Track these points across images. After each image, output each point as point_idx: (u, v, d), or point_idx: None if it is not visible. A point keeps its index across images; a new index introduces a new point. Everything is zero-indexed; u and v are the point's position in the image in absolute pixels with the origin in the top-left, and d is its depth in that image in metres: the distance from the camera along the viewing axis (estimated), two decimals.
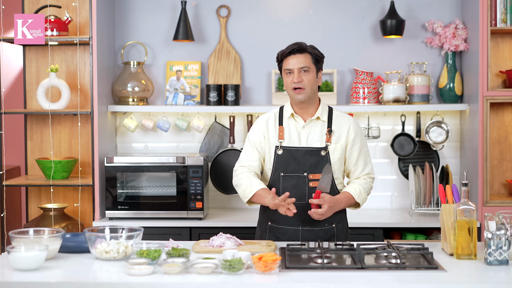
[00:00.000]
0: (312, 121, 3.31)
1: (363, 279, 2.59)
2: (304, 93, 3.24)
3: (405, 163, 4.70)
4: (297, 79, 3.22)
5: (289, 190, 3.24)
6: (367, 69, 4.68)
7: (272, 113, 3.39)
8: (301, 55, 3.24)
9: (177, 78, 4.71)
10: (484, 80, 4.28)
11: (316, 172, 3.24)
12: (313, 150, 3.26)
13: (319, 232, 3.28)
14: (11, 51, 5.09)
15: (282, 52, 3.28)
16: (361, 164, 3.34)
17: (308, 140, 3.29)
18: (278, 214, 3.27)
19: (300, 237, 3.28)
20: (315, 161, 3.25)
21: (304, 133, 3.29)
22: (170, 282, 2.54)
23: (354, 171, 3.35)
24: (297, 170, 3.26)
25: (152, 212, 4.31)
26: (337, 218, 3.32)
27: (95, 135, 4.35)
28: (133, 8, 4.78)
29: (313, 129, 3.30)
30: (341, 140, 3.30)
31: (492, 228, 2.82)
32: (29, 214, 4.76)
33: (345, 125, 3.31)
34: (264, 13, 4.76)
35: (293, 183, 3.26)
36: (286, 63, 3.26)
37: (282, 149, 3.28)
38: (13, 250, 2.69)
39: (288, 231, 3.29)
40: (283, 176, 3.27)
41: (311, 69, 3.25)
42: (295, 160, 3.26)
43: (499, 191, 4.66)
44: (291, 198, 3.13)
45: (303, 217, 3.25)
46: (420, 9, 4.71)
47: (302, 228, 3.28)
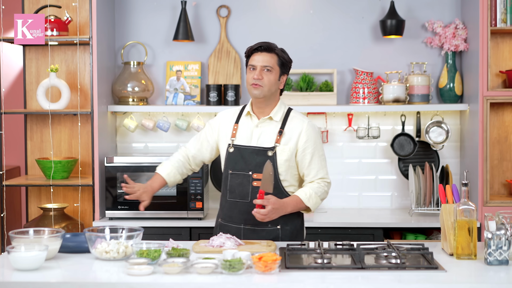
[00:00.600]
0: (265, 121, 3.30)
1: (363, 279, 2.59)
2: (261, 90, 3.23)
3: (405, 163, 4.70)
4: (257, 75, 3.22)
5: (234, 188, 3.27)
6: (367, 69, 4.68)
7: (232, 110, 3.41)
8: (267, 54, 3.25)
9: (177, 78, 4.71)
10: (484, 80, 4.28)
11: (261, 171, 3.22)
12: (260, 149, 3.25)
13: (261, 232, 3.26)
14: (11, 51, 5.09)
15: (250, 47, 3.30)
16: (314, 168, 3.30)
17: (259, 139, 3.28)
18: (225, 211, 3.32)
19: (241, 236, 3.27)
20: (261, 161, 3.23)
21: (256, 132, 3.30)
22: (170, 282, 2.54)
23: (308, 175, 3.31)
24: (244, 168, 3.26)
25: (152, 212, 4.31)
26: (284, 220, 3.27)
27: (95, 135, 4.35)
28: (133, 8, 4.78)
29: (266, 129, 3.30)
30: (291, 142, 3.26)
31: (492, 228, 2.82)
32: (29, 214, 4.76)
33: (298, 127, 3.28)
34: (264, 13, 4.76)
35: (239, 181, 3.27)
36: (251, 59, 3.27)
37: (233, 147, 3.29)
38: (13, 250, 2.69)
39: (232, 229, 3.30)
40: (231, 174, 3.29)
41: (274, 69, 3.26)
42: (243, 159, 3.26)
43: (499, 191, 4.66)
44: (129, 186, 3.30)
45: (245, 216, 3.26)
46: (420, 9, 4.71)
47: (244, 227, 3.28)
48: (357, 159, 4.76)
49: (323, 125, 4.72)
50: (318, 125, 4.72)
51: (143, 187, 3.33)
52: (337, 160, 4.74)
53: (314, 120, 4.72)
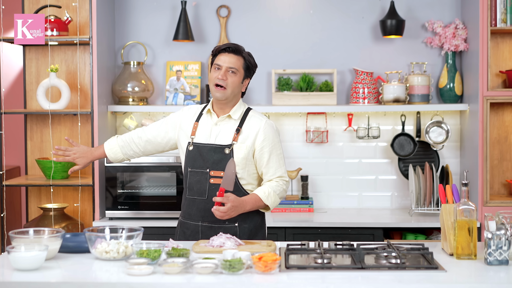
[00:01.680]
0: (224, 119, 3.32)
1: (363, 279, 2.59)
2: (224, 93, 3.25)
3: (405, 163, 4.70)
4: (222, 76, 3.24)
5: (193, 185, 3.29)
6: (367, 69, 4.68)
7: (195, 107, 3.43)
8: (234, 56, 3.27)
9: (177, 78, 4.71)
10: (484, 80, 4.28)
11: (218, 169, 3.24)
12: (218, 147, 3.27)
13: (218, 229, 3.27)
14: (11, 51, 5.08)
15: (217, 47, 3.31)
16: (272, 166, 3.31)
17: (217, 137, 3.30)
18: (185, 209, 3.34)
19: (199, 233, 3.29)
20: (218, 158, 3.25)
21: (215, 130, 3.31)
22: (170, 282, 2.54)
23: (266, 173, 3.32)
24: (202, 166, 3.28)
25: (152, 212, 4.31)
26: (242, 218, 3.28)
27: (95, 135, 4.35)
28: (133, 8, 4.78)
29: (224, 127, 3.31)
30: (248, 141, 3.28)
31: (492, 228, 2.82)
32: (29, 214, 4.76)
33: (256, 126, 3.30)
34: (264, 13, 4.76)
35: (197, 179, 3.28)
36: (217, 58, 3.28)
37: (193, 145, 3.30)
38: (13, 250, 2.69)
39: (191, 226, 3.31)
40: (190, 171, 3.30)
41: (239, 72, 3.27)
42: (201, 156, 3.28)
43: (499, 191, 4.66)
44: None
45: (202, 213, 3.28)
46: (420, 9, 4.71)
47: (202, 223, 3.29)
48: (357, 159, 4.76)
49: (323, 125, 4.72)
50: (318, 125, 4.72)
51: (82, 152, 3.44)
52: (337, 160, 4.74)
53: (314, 120, 4.72)
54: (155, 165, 4.34)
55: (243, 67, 3.29)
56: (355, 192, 4.77)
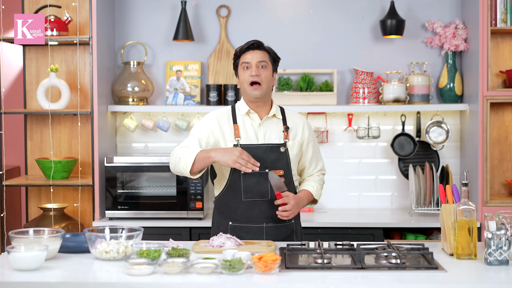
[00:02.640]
0: (268, 119, 3.31)
1: (363, 279, 2.59)
2: (261, 90, 3.23)
3: (405, 163, 4.70)
4: (255, 72, 3.21)
5: (251, 188, 3.24)
6: (367, 69, 4.68)
7: (224, 110, 3.35)
8: (259, 51, 3.26)
9: (177, 78, 4.71)
10: (484, 80, 4.28)
11: (277, 168, 3.25)
12: (273, 146, 3.26)
13: (282, 228, 3.29)
14: (11, 51, 5.08)
15: (240, 47, 3.28)
16: (314, 160, 3.40)
17: (265, 137, 3.28)
18: (240, 213, 3.27)
19: (264, 235, 3.27)
20: (275, 158, 3.25)
21: (261, 130, 3.29)
22: (170, 282, 2.54)
23: (309, 168, 3.39)
24: (258, 167, 3.23)
25: (152, 212, 4.31)
26: (295, 215, 3.33)
27: (95, 135, 4.35)
28: (133, 8, 4.78)
29: (270, 127, 3.30)
30: (297, 137, 3.32)
31: (492, 228, 2.81)
32: (29, 214, 4.76)
33: (300, 123, 3.35)
34: (264, 13, 4.76)
35: (255, 181, 3.24)
36: (244, 57, 3.26)
37: (241, 147, 3.24)
38: (13, 250, 2.69)
39: (252, 228, 3.27)
40: (244, 174, 3.24)
41: (268, 65, 3.27)
42: (255, 158, 3.22)
43: (499, 191, 4.66)
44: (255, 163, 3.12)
45: (266, 214, 3.26)
46: (420, 9, 4.71)
47: (266, 225, 3.27)
48: (357, 159, 4.76)
49: (323, 125, 4.72)
50: (318, 125, 4.73)
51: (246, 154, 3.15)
52: (337, 160, 4.74)
53: (314, 120, 4.72)
54: (155, 165, 4.34)
55: (270, 61, 3.29)
56: (355, 192, 4.77)
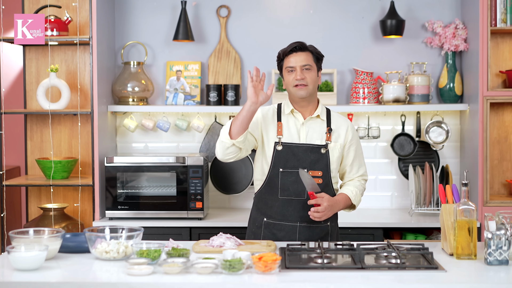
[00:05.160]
0: (312, 119, 3.32)
1: (363, 279, 2.59)
2: (306, 89, 3.25)
3: (405, 163, 4.70)
4: (300, 75, 3.23)
5: (288, 186, 3.26)
6: (367, 69, 4.68)
7: (270, 107, 3.38)
8: (303, 53, 3.26)
9: (177, 78, 4.71)
10: (484, 80, 4.28)
11: (316, 169, 3.26)
12: (314, 147, 3.27)
13: (315, 229, 3.30)
14: (11, 51, 5.09)
15: (283, 50, 3.29)
16: (356, 165, 3.38)
17: (307, 137, 3.29)
18: (276, 210, 3.29)
19: (297, 234, 3.28)
20: (315, 158, 3.26)
21: (304, 130, 3.30)
22: (170, 282, 2.54)
23: (349, 172, 3.38)
24: (297, 166, 3.26)
25: (152, 212, 4.31)
26: (332, 217, 3.35)
27: (95, 135, 4.35)
28: (133, 8, 4.78)
29: (312, 127, 3.31)
30: (340, 139, 3.32)
31: (492, 228, 2.82)
32: (29, 214, 4.76)
33: (343, 125, 3.35)
34: (264, 13, 4.76)
35: (293, 179, 3.26)
36: (287, 61, 3.27)
37: (282, 145, 3.27)
38: (13, 250, 2.69)
39: (286, 227, 3.29)
40: (282, 172, 3.27)
41: (312, 67, 3.27)
42: (295, 157, 3.26)
43: (499, 191, 4.66)
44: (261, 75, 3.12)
45: (301, 213, 3.27)
46: (420, 9, 4.71)
47: (300, 224, 3.28)
48: None
49: None
50: None
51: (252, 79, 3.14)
52: None
53: None
54: (155, 165, 4.34)
55: (314, 61, 3.29)
56: None
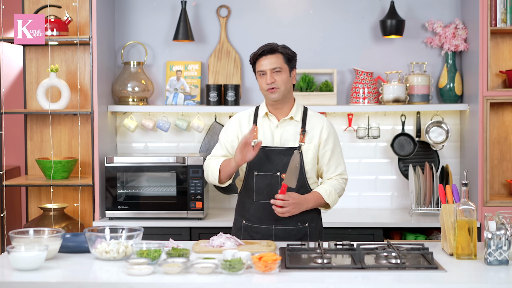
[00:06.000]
0: (286, 121, 3.32)
1: (363, 279, 2.59)
2: (278, 92, 3.25)
3: (405, 163, 4.70)
4: (270, 80, 3.23)
5: (262, 189, 3.28)
6: (367, 69, 4.68)
7: (247, 112, 3.41)
8: (272, 56, 3.25)
9: (177, 78, 4.71)
10: (484, 80, 4.28)
11: None
12: (287, 149, 3.27)
13: (291, 231, 3.30)
14: (11, 51, 5.09)
15: (254, 54, 3.29)
16: (333, 164, 3.35)
17: (281, 139, 3.30)
18: (252, 213, 3.32)
19: (273, 236, 3.30)
20: (288, 161, 3.25)
21: (278, 132, 3.31)
22: (170, 282, 2.54)
23: (327, 171, 3.36)
24: (270, 169, 3.27)
25: (152, 212, 4.31)
26: (310, 217, 3.34)
27: (95, 135, 4.35)
28: (133, 8, 4.78)
29: (287, 129, 3.31)
30: (314, 140, 3.31)
31: (492, 228, 2.82)
32: (29, 214, 4.76)
33: (318, 125, 3.33)
34: (264, 13, 4.76)
35: (266, 182, 3.28)
36: (258, 64, 3.27)
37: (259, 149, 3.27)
38: (13, 250, 2.69)
39: (262, 229, 3.31)
40: (257, 175, 3.29)
41: (283, 69, 3.26)
42: (268, 160, 3.27)
43: (499, 191, 4.66)
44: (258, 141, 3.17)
45: (275, 216, 3.27)
46: (420, 9, 4.71)
47: (275, 227, 3.29)
48: (357, 159, 4.76)
49: None
50: None
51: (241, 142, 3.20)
52: None
53: None
54: (155, 165, 4.34)
55: (285, 62, 3.27)
56: (355, 192, 4.77)
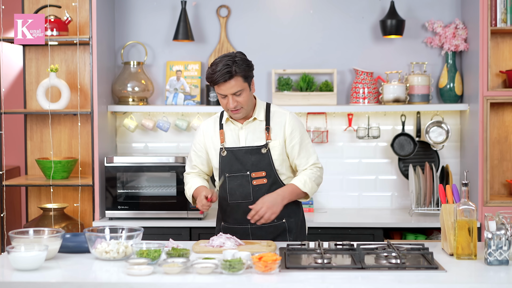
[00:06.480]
0: (249, 122, 3.31)
1: (363, 279, 2.59)
2: (242, 111, 3.23)
3: (405, 163, 4.70)
4: (232, 104, 3.18)
5: (234, 190, 3.28)
6: (367, 69, 4.68)
7: (212, 119, 3.39)
8: (230, 81, 3.16)
9: (177, 78, 4.71)
10: (484, 80, 4.28)
11: (259, 170, 3.26)
12: (254, 148, 3.27)
13: (269, 228, 3.29)
14: (11, 51, 5.08)
15: (210, 79, 3.18)
16: (303, 157, 3.32)
17: (247, 140, 3.29)
18: (228, 214, 3.33)
19: (250, 235, 3.30)
20: (256, 160, 3.26)
21: (243, 134, 3.30)
22: (170, 282, 2.54)
23: (299, 164, 3.34)
24: (241, 169, 3.27)
25: (152, 212, 4.31)
26: (288, 212, 3.32)
27: (95, 135, 4.35)
28: (133, 8, 4.78)
29: (251, 129, 3.30)
30: (279, 137, 3.29)
31: (492, 228, 2.82)
32: (29, 214, 4.76)
33: (281, 121, 3.30)
34: (264, 13, 4.76)
35: (238, 183, 3.28)
36: (217, 88, 3.19)
37: (226, 150, 3.29)
38: (13, 250, 2.69)
39: (239, 229, 3.31)
40: (229, 176, 3.29)
41: (243, 88, 3.19)
42: (238, 160, 3.27)
43: (499, 191, 4.66)
44: (209, 201, 3.20)
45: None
46: (420, 9, 4.71)
47: (251, 226, 3.29)
48: (357, 159, 4.76)
49: (323, 125, 4.72)
50: (318, 125, 4.72)
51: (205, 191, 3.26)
52: (337, 160, 4.74)
53: (314, 120, 4.72)
54: (155, 165, 4.34)
55: (244, 81, 3.19)
56: (355, 192, 4.77)
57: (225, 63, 3.15)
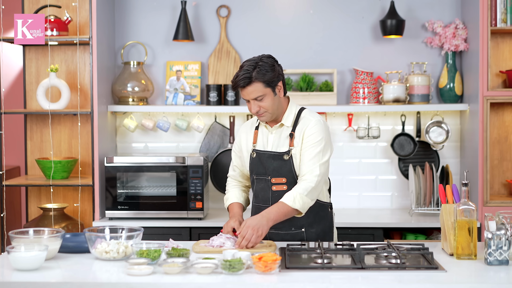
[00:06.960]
0: (277, 128, 3.27)
1: (363, 279, 2.59)
2: (266, 116, 3.20)
3: (405, 163, 4.70)
4: (254, 109, 3.17)
5: (258, 192, 3.29)
6: (367, 69, 4.68)
7: (252, 120, 3.41)
8: (250, 87, 3.13)
9: (177, 78, 4.71)
10: (484, 80, 4.28)
11: (279, 176, 3.21)
12: (276, 154, 3.23)
13: (285, 236, 3.26)
14: (11, 51, 5.08)
15: (233, 85, 3.19)
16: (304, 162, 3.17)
17: (273, 145, 3.26)
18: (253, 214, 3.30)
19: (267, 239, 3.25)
20: (277, 165, 3.22)
21: (271, 138, 3.28)
22: (170, 282, 2.54)
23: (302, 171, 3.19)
24: (264, 173, 3.26)
25: (152, 212, 4.31)
26: (309, 222, 3.24)
27: (95, 135, 4.35)
28: (133, 8, 4.78)
29: (278, 134, 3.27)
30: (299, 143, 3.21)
31: (492, 228, 2.82)
32: (29, 214, 4.76)
33: (304, 127, 3.21)
34: (264, 13, 4.76)
35: (261, 186, 3.28)
36: (241, 92, 3.19)
37: (255, 152, 3.29)
38: (13, 250, 2.69)
39: None
40: (256, 179, 3.30)
41: (265, 94, 3.15)
42: (262, 164, 3.26)
43: (499, 191, 4.66)
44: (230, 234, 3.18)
45: None
46: (420, 9, 4.71)
47: (270, 231, 3.17)
48: (357, 159, 4.76)
49: None
50: None
51: (234, 221, 3.24)
52: (337, 160, 4.74)
53: None
54: (155, 165, 4.34)
55: (265, 86, 3.14)
56: (355, 192, 4.77)
57: (246, 68, 3.15)
